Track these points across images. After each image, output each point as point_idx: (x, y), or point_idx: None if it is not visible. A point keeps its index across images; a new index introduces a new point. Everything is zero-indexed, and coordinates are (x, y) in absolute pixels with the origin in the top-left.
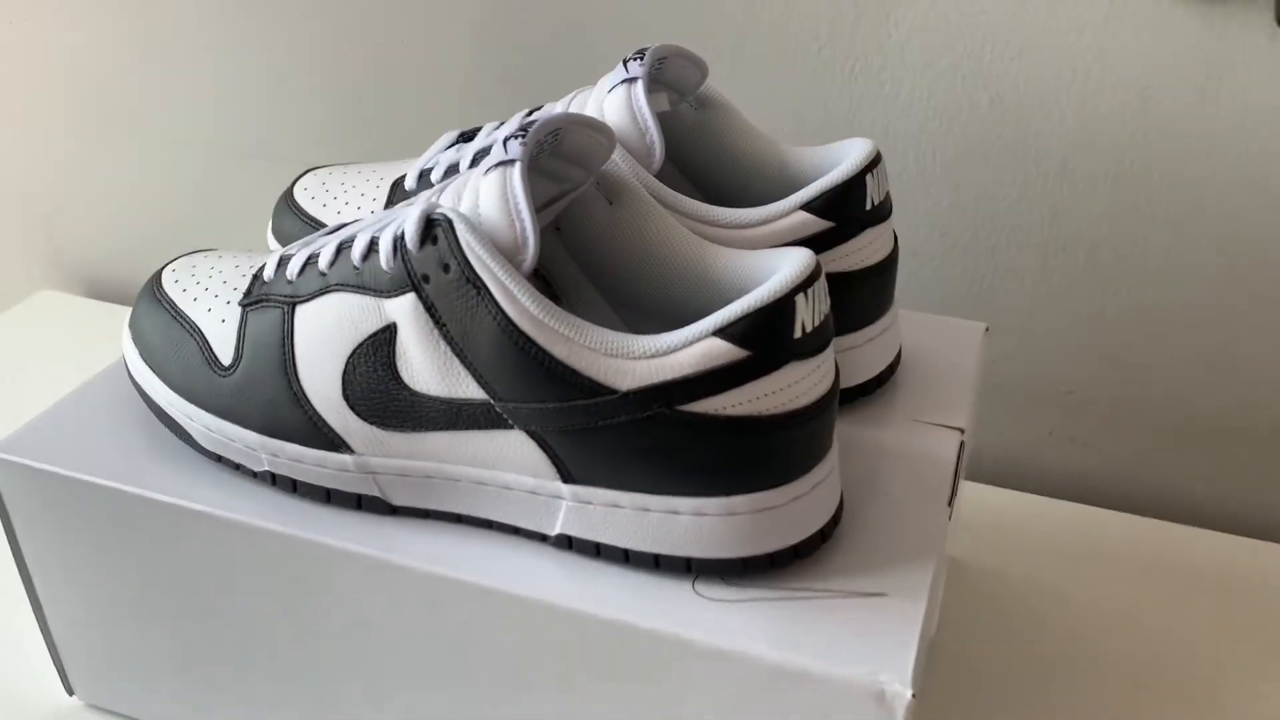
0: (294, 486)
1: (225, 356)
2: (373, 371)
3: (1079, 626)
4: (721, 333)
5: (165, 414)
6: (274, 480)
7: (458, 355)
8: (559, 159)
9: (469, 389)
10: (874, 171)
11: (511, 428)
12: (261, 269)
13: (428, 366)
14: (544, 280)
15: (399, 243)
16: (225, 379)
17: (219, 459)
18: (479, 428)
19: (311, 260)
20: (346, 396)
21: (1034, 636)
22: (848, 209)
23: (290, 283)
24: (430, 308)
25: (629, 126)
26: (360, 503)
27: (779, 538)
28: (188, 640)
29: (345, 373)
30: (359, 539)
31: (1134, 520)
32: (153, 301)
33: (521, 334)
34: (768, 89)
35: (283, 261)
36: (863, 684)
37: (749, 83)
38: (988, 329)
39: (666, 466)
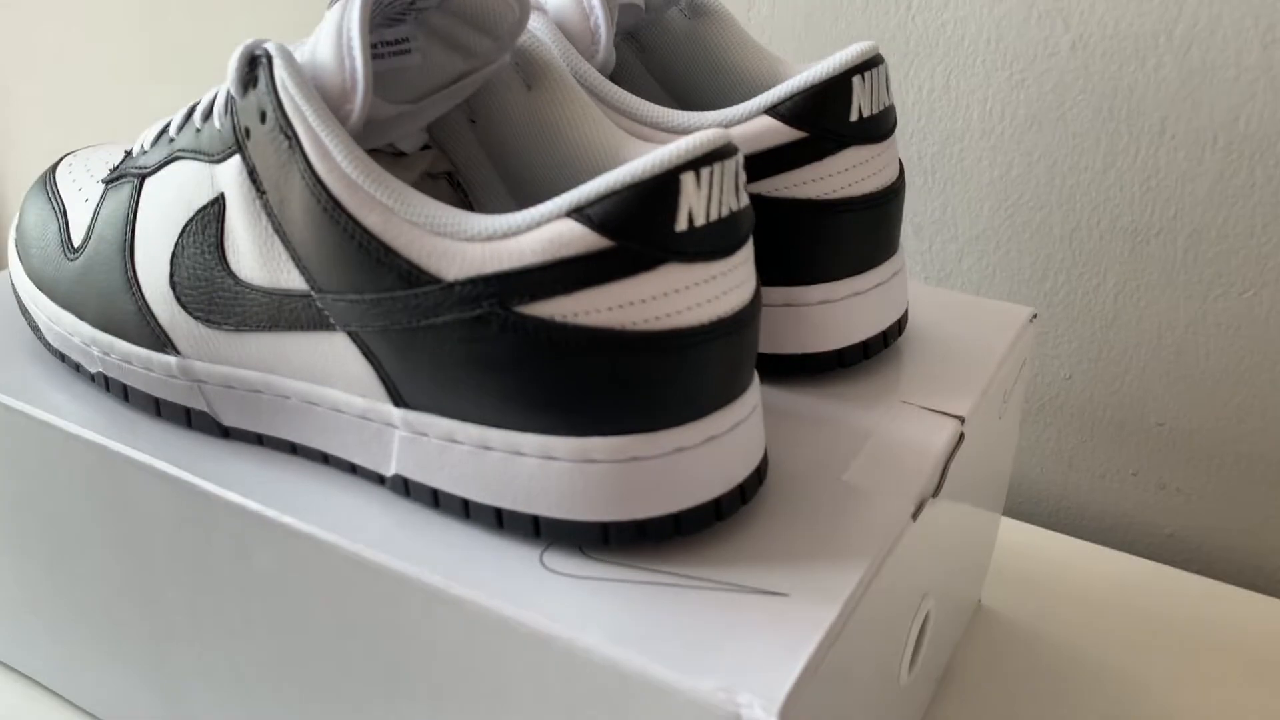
0: (125, 393)
1: (77, 237)
2: (200, 254)
3: (1114, 712)
4: (578, 213)
5: (21, 303)
6: (108, 385)
7: (278, 232)
8: (457, 21)
9: (291, 276)
10: (867, 75)
11: (335, 329)
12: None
13: (251, 247)
14: (458, 189)
15: (230, 93)
16: (72, 263)
17: (62, 357)
18: (302, 328)
19: (166, 127)
20: (173, 284)
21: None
22: (826, 118)
23: (145, 152)
24: (252, 171)
25: (570, 5)
26: (190, 418)
27: (654, 501)
28: (32, 567)
29: (174, 255)
30: (174, 458)
31: (1229, 592)
32: (40, 186)
33: (330, 197)
34: (812, 28)
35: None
36: (713, 702)
37: (791, 21)
38: (1034, 316)
39: (504, 388)
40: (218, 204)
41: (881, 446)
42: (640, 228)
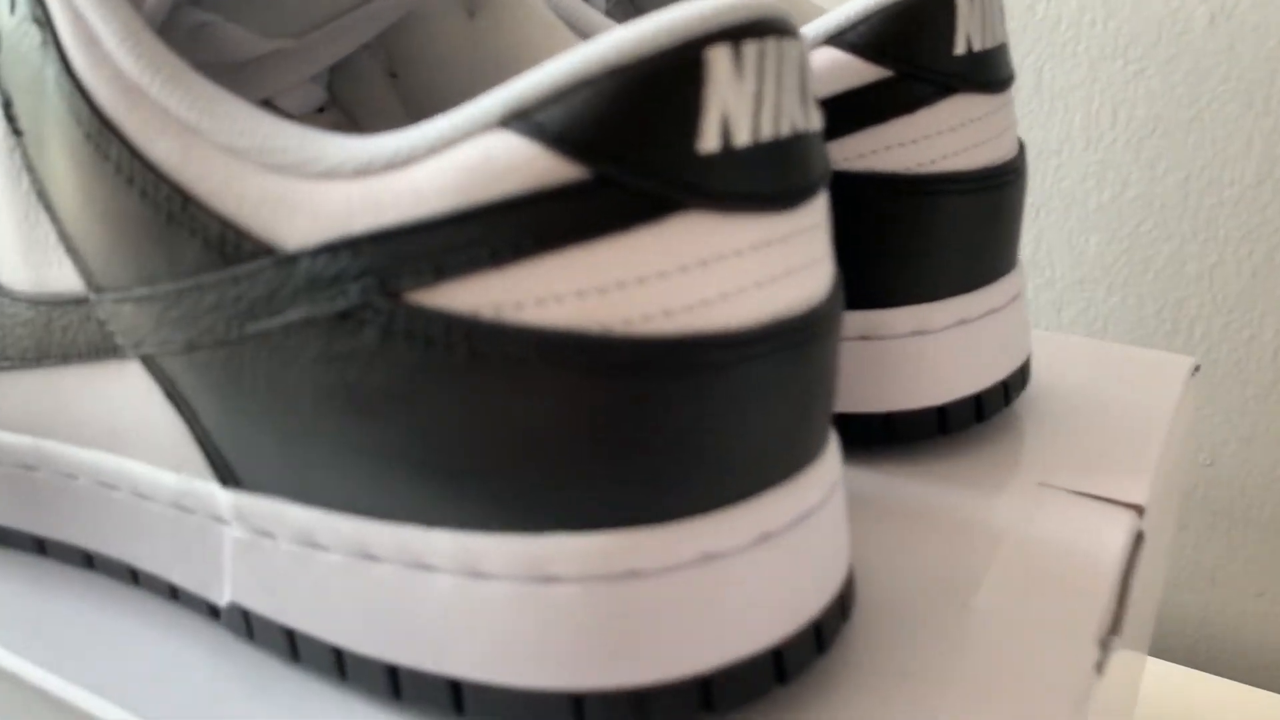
0: None
1: None
2: None
3: None
4: (520, 120)
5: None
6: None
7: (39, 193)
8: None
9: (61, 270)
10: None
11: (124, 355)
12: None
13: (9, 226)
14: None
15: None
16: None
17: None
18: (81, 358)
19: None
20: None
21: None
22: (920, 50)
23: None
24: (7, 101)
25: None
26: None
27: (666, 653)
28: None
29: None
30: None
31: None
32: None
33: (94, 111)
34: None
35: None
36: None
37: None
38: (1198, 368)
39: (392, 444)
40: None
41: (1024, 552)
42: (636, 143)
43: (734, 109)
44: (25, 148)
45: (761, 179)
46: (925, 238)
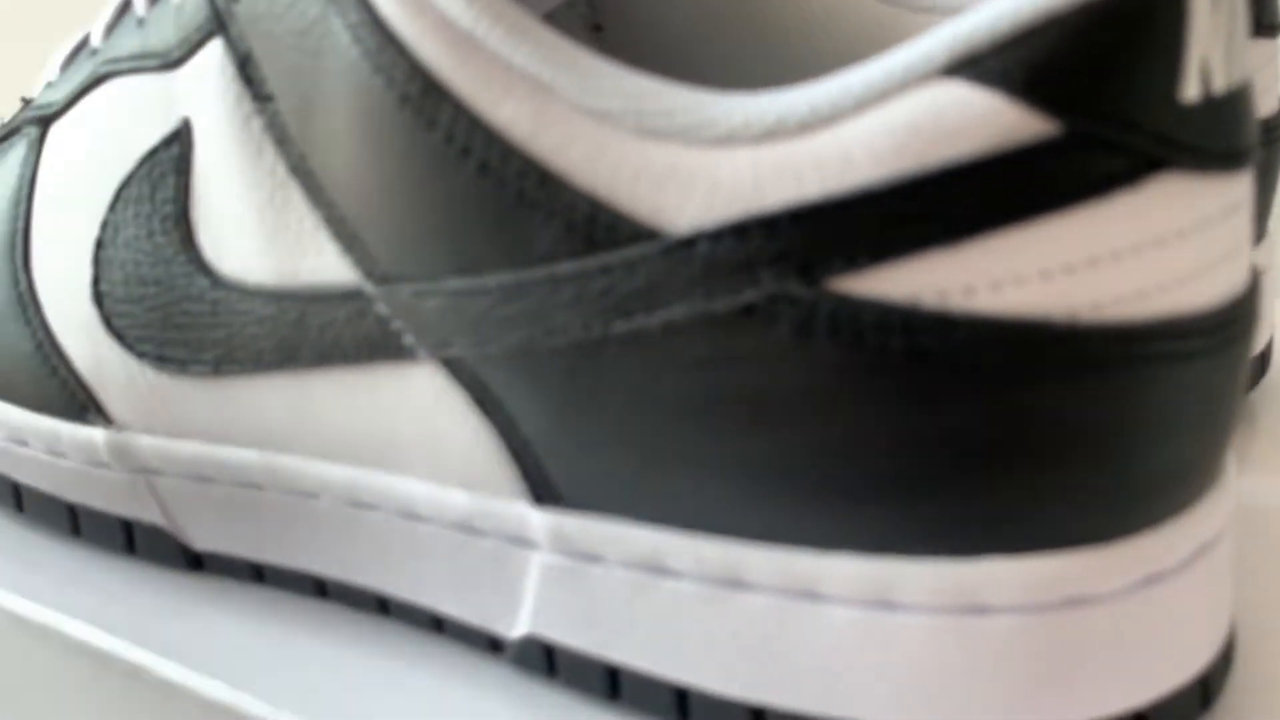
0: (17, 498)
1: None
2: (147, 235)
3: None
4: (972, 68)
5: None
6: None
7: (296, 171)
8: None
9: (323, 259)
10: None
11: (413, 356)
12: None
13: (244, 210)
14: None
15: None
16: None
17: None
18: (345, 360)
19: (87, 41)
20: (99, 296)
21: None
22: None
23: (51, 85)
24: (244, 60)
25: None
26: (132, 539)
27: (1104, 687)
28: None
29: (99, 244)
30: (104, 615)
31: None
32: None
33: (418, 69)
34: None
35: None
36: None
37: None
38: None
39: (793, 459)
40: (178, 140)
41: None
42: (1119, 92)
43: (1211, 50)
44: (276, 115)
45: (1232, 133)
46: None
